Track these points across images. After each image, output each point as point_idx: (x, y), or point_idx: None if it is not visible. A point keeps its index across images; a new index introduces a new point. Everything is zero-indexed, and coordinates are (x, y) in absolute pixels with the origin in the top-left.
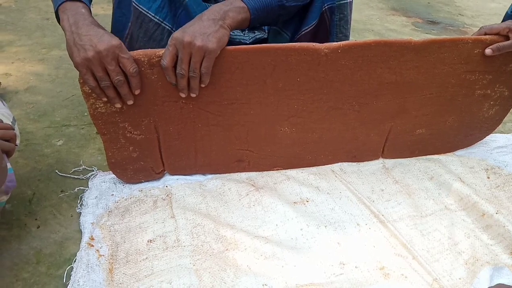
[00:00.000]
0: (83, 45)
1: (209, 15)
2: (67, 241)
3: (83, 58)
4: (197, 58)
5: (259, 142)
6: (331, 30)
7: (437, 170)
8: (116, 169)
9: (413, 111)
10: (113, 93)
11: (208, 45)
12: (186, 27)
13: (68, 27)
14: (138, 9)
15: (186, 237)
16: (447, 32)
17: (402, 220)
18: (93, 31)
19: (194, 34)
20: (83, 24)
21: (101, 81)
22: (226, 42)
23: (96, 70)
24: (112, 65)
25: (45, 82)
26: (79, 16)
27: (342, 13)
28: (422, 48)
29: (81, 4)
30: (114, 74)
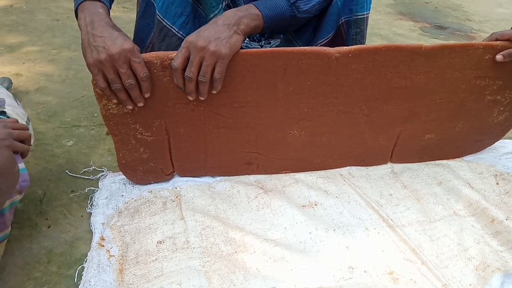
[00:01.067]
0: (97, 46)
1: (224, 20)
2: (78, 241)
3: (95, 60)
4: (209, 62)
5: (269, 145)
6: (347, 44)
7: (446, 175)
8: (126, 170)
9: (423, 116)
10: (124, 96)
11: (222, 50)
12: (201, 30)
13: (84, 26)
14: (163, 22)
15: (195, 238)
16: (454, 37)
17: (411, 225)
18: (107, 32)
19: (209, 39)
20: (99, 24)
21: (112, 83)
22: (239, 47)
23: (108, 72)
24: (123, 68)
25: (55, 83)
26: (96, 16)
27: (359, 27)
28: (432, 53)
29: (100, 3)
30: (125, 77)
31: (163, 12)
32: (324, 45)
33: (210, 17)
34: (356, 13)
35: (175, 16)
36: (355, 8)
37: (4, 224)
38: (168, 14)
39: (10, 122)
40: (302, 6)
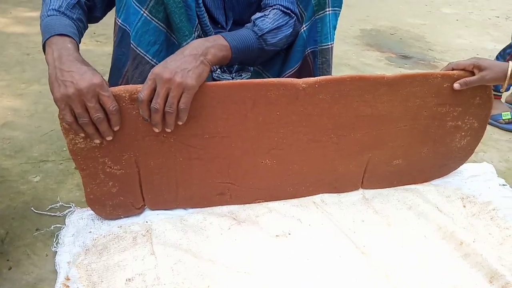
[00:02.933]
0: (64, 81)
1: (191, 50)
2: (41, 282)
3: (62, 94)
4: (175, 93)
5: (241, 175)
6: (314, 73)
7: (415, 199)
8: (94, 205)
9: (390, 143)
10: (91, 129)
11: (188, 81)
12: (167, 62)
13: (51, 61)
14: (136, 51)
15: (166, 274)
16: (418, 66)
17: (383, 251)
18: (76, 67)
19: (175, 70)
20: (67, 59)
21: (80, 117)
22: (206, 78)
23: (75, 106)
24: (92, 102)
25: (23, 118)
26: (64, 50)
27: (324, 57)
28: (394, 82)
29: (69, 38)
30: (93, 111)
31: (137, 41)
32: (292, 75)
33: (182, 45)
34: (321, 44)
35: (149, 45)
36: (320, 39)
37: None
38: (142, 43)
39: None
40: (270, 39)
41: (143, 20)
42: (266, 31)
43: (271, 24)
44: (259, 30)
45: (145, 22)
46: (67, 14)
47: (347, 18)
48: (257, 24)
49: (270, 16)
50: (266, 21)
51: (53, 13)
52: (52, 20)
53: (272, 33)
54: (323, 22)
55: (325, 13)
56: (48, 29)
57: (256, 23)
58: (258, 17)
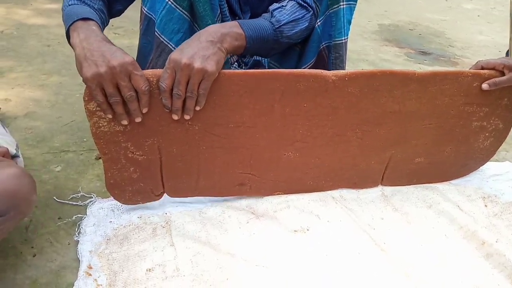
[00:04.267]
0: (95, 60)
1: (207, 36)
2: (64, 270)
3: (94, 73)
4: (196, 79)
5: (262, 166)
6: (328, 68)
7: (436, 198)
8: (114, 190)
9: (413, 140)
10: (121, 109)
11: (207, 67)
12: (183, 47)
13: (78, 42)
14: (160, 38)
15: (185, 266)
16: (438, 62)
17: (403, 249)
18: (106, 47)
19: (193, 56)
20: (95, 40)
21: (111, 96)
22: (223, 65)
23: (107, 85)
24: (124, 80)
25: (44, 108)
26: (91, 32)
27: (338, 52)
28: (425, 79)
29: (93, 22)
30: (126, 90)
31: (161, 29)
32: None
33: None
34: (334, 39)
35: (173, 33)
36: (334, 33)
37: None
38: (166, 31)
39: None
40: (286, 31)
41: (168, 8)
42: (283, 22)
43: (288, 16)
44: (277, 22)
45: (170, 10)
46: (88, 3)
47: (365, 13)
48: (275, 15)
49: (287, 7)
50: (284, 12)
51: (75, 2)
52: (73, 8)
53: (290, 25)
54: (337, 16)
55: (339, 7)
56: (71, 16)
57: (274, 14)
58: (276, 7)
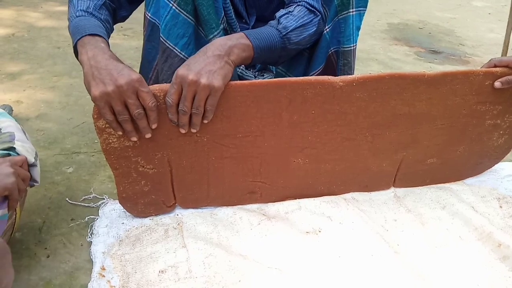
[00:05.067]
0: (102, 79)
1: (214, 50)
2: (77, 271)
3: (102, 92)
4: (202, 96)
5: (272, 174)
6: (337, 74)
7: (449, 199)
8: (126, 204)
9: (425, 141)
10: (130, 127)
11: (214, 83)
12: (190, 63)
13: (86, 60)
14: (165, 44)
15: (198, 267)
16: (449, 61)
17: (417, 251)
18: (113, 65)
19: (200, 72)
20: (102, 58)
21: (120, 115)
22: (230, 78)
23: (115, 104)
24: (132, 98)
25: (56, 110)
26: (98, 49)
27: (346, 59)
28: (435, 80)
29: (100, 38)
30: (134, 108)
31: (166, 34)
32: (317, 75)
33: (209, 38)
34: (343, 45)
35: (178, 37)
36: (342, 40)
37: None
38: (171, 36)
39: (19, 160)
40: (294, 38)
41: (172, 13)
42: (290, 29)
43: (295, 22)
44: (284, 29)
45: (174, 15)
46: (95, 15)
47: (373, 12)
48: (282, 22)
49: (294, 13)
50: (290, 18)
51: (82, 14)
52: (81, 20)
53: (297, 31)
54: (346, 23)
55: (349, 13)
56: (78, 30)
57: (280, 21)
58: (283, 14)
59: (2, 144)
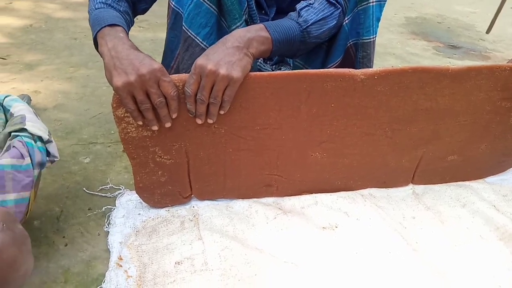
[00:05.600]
0: (124, 69)
1: (234, 42)
2: (95, 260)
3: (124, 82)
4: (221, 86)
5: (289, 167)
6: (356, 67)
7: (470, 197)
8: (143, 194)
9: (447, 138)
10: (152, 115)
11: (233, 74)
12: (209, 53)
13: (107, 51)
14: (187, 33)
15: (214, 260)
16: (469, 56)
17: (436, 249)
18: (134, 54)
19: (219, 62)
20: (123, 48)
21: (142, 104)
22: (249, 70)
23: (137, 93)
24: (154, 88)
25: (73, 100)
26: (118, 40)
27: (365, 51)
28: (459, 75)
29: (120, 28)
30: (156, 96)
31: (188, 23)
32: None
33: (232, 29)
34: (362, 37)
35: (200, 27)
36: (362, 31)
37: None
38: (193, 25)
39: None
40: (314, 31)
41: (196, 2)
42: (311, 22)
43: (315, 16)
44: (304, 22)
45: (197, 4)
46: (114, 6)
47: (391, 6)
48: (302, 15)
49: (315, 5)
50: (311, 11)
51: (101, 6)
52: (100, 12)
53: (317, 24)
54: (366, 14)
55: (369, 4)
56: (98, 22)
57: (301, 14)
58: (303, 6)
59: (14, 126)
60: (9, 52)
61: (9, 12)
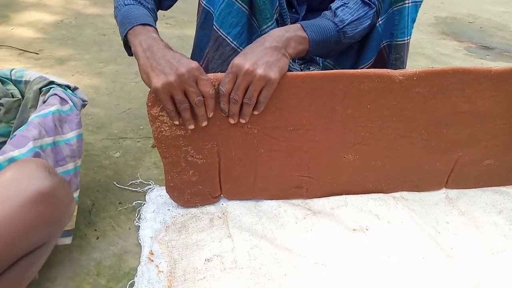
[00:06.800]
0: (162, 69)
1: (272, 42)
2: (126, 254)
3: (164, 83)
4: (257, 86)
5: (320, 169)
6: (388, 68)
7: (506, 204)
8: (174, 193)
9: (484, 141)
10: (189, 115)
11: (271, 75)
12: (247, 52)
13: (141, 52)
14: (218, 32)
15: (243, 258)
16: (503, 57)
17: (472, 257)
18: (170, 54)
19: (257, 62)
20: (158, 48)
21: (181, 104)
22: (286, 71)
23: (177, 93)
24: (193, 87)
25: (103, 95)
26: (152, 40)
27: (399, 53)
28: (501, 77)
29: (152, 28)
30: (195, 96)
31: (219, 22)
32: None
33: (262, 28)
34: (396, 39)
35: (231, 26)
36: (396, 33)
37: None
38: (224, 24)
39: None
40: (349, 32)
41: (227, 2)
42: (347, 22)
43: (351, 16)
44: (341, 22)
45: (229, 3)
46: (143, 3)
47: None
48: (338, 14)
49: (350, 5)
50: (347, 11)
51: (131, 2)
52: (130, 9)
53: (353, 25)
54: (401, 15)
55: (404, 5)
56: (128, 19)
57: (337, 14)
58: (339, 6)
59: (40, 83)
60: (42, 47)
61: (41, 8)
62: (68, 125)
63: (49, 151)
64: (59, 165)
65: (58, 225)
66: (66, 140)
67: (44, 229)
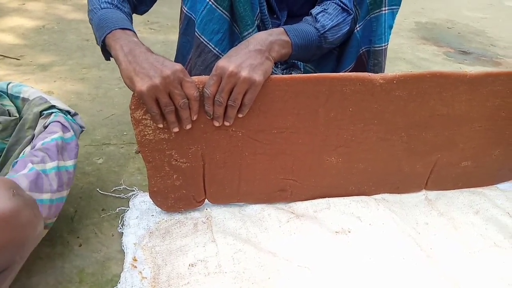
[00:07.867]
0: (147, 72)
1: (256, 45)
2: (109, 261)
3: (149, 86)
4: (241, 89)
5: (304, 172)
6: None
7: (483, 204)
8: (157, 198)
9: (461, 144)
10: (173, 118)
11: (255, 77)
12: (231, 55)
13: (123, 57)
14: (200, 39)
15: (227, 263)
16: (480, 62)
17: (450, 256)
18: (152, 57)
19: (241, 65)
20: (140, 52)
21: (167, 106)
22: (270, 74)
23: (162, 96)
24: (178, 89)
25: (85, 101)
26: (133, 44)
27: (377, 59)
28: (476, 80)
29: (131, 32)
30: (180, 98)
31: (201, 29)
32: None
33: (244, 35)
34: (374, 45)
35: (212, 33)
36: (374, 39)
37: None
38: (206, 31)
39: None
40: (330, 37)
41: (208, 9)
42: (328, 28)
43: (331, 21)
44: (322, 27)
45: (210, 10)
46: (120, 7)
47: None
48: (319, 20)
49: (329, 11)
50: (327, 16)
51: (107, 6)
52: (107, 13)
53: (333, 30)
54: (378, 21)
55: (381, 12)
56: (106, 23)
57: (318, 19)
58: (319, 11)
59: (40, 106)
60: (23, 53)
61: (22, 13)
62: (67, 153)
63: (53, 175)
64: (58, 190)
65: (22, 249)
66: (66, 167)
67: (5, 253)
